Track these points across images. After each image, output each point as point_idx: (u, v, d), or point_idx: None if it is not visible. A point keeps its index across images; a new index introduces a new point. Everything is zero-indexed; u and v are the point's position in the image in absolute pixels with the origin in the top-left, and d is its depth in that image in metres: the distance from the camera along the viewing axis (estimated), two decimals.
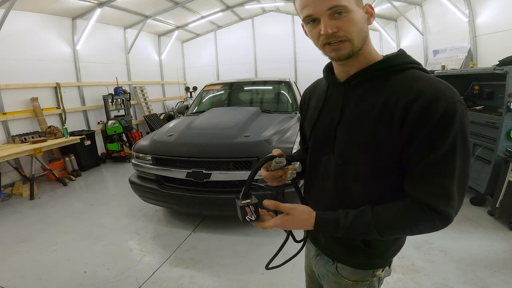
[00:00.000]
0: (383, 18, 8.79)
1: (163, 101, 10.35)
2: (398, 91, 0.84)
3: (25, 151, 4.66)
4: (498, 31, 4.69)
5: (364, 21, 0.87)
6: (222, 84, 5.51)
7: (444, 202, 0.80)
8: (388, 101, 0.84)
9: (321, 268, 1.16)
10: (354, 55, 0.88)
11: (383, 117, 0.85)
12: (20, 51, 5.59)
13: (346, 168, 0.96)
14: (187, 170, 3.13)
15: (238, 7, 9.22)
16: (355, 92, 0.93)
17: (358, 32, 0.84)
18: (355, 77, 0.93)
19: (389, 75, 0.89)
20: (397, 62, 0.89)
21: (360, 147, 0.90)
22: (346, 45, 0.85)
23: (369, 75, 0.91)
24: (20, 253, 3.12)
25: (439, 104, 0.77)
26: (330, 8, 0.81)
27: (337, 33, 0.83)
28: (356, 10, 0.83)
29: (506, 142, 3.35)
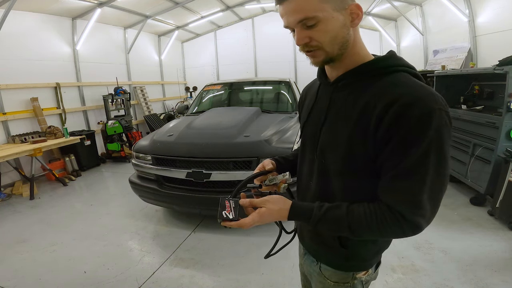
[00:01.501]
0: (383, 18, 8.78)
1: (163, 101, 10.36)
2: (379, 95, 0.83)
3: (25, 151, 4.66)
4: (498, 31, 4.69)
5: (343, 26, 0.84)
6: (222, 84, 5.51)
7: (412, 210, 0.80)
8: (368, 104, 0.84)
9: (308, 268, 1.19)
10: (334, 60, 0.89)
11: (362, 120, 0.85)
12: (20, 51, 5.59)
13: (327, 166, 0.97)
14: (187, 170, 3.13)
15: (238, 7, 9.22)
16: (342, 93, 0.94)
17: (331, 41, 0.85)
18: (342, 78, 0.94)
19: (376, 78, 0.88)
20: (385, 65, 0.89)
21: (339, 147, 0.91)
22: (320, 53, 0.87)
23: (355, 76, 0.91)
24: (20, 253, 3.12)
25: (414, 110, 0.76)
26: (299, 21, 0.83)
27: (310, 43, 0.86)
28: (330, 18, 0.82)
29: (506, 142, 3.35)
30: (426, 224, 0.83)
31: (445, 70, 5.30)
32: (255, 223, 0.93)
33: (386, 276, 2.50)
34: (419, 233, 0.84)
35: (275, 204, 0.94)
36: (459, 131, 4.21)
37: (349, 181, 0.93)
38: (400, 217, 0.81)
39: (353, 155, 0.88)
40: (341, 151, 0.90)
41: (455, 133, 4.30)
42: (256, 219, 0.93)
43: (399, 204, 0.81)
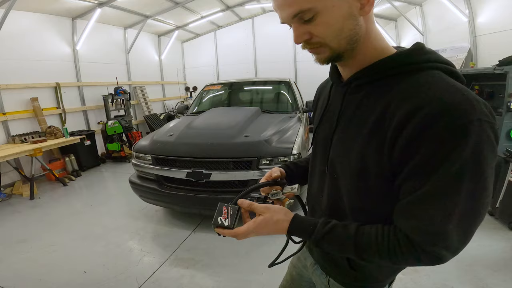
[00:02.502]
0: (383, 18, 8.79)
1: (163, 101, 10.36)
2: (399, 100, 0.67)
3: (25, 151, 4.66)
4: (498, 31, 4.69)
5: (349, 15, 0.68)
6: (222, 84, 5.51)
7: (433, 242, 0.66)
8: (386, 111, 0.69)
9: (317, 278, 1.10)
10: (343, 57, 0.74)
11: (378, 131, 0.70)
12: (20, 51, 5.59)
13: (339, 182, 0.85)
14: (187, 170, 3.13)
15: (238, 7, 9.22)
16: (355, 96, 0.79)
17: (335, 34, 0.70)
18: (356, 78, 0.78)
19: (397, 77, 0.71)
20: (409, 61, 0.71)
21: (351, 161, 0.77)
22: (324, 49, 0.73)
23: (371, 75, 0.75)
24: (20, 253, 3.12)
25: (444, 120, 0.59)
26: (294, 16, 0.69)
27: (311, 40, 0.72)
28: (330, 8, 0.66)
29: (506, 142, 3.35)
30: (451, 256, 0.67)
31: None
32: (249, 234, 0.83)
33: None
34: (441, 264, 0.69)
35: (274, 214, 0.83)
36: None
37: (362, 201, 0.79)
38: (418, 247, 0.67)
39: (367, 172, 0.74)
40: (353, 167, 0.77)
41: None
42: (251, 228, 0.83)
43: (418, 233, 0.67)
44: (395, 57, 0.73)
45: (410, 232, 0.68)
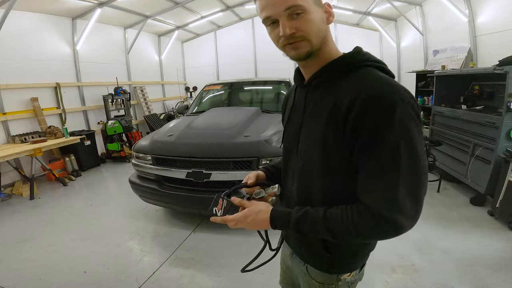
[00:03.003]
0: (383, 18, 8.78)
1: (163, 101, 10.36)
2: (344, 92, 0.82)
3: (25, 151, 4.66)
4: (498, 31, 4.69)
5: (323, 21, 0.87)
6: (222, 84, 5.51)
7: (390, 208, 0.75)
8: (336, 102, 0.84)
9: (296, 268, 1.22)
10: (313, 55, 0.88)
11: (332, 119, 0.84)
12: (20, 51, 5.59)
13: (307, 168, 0.96)
14: (187, 170, 3.13)
15: (238, 7, 9.21)
16: (315, 94, 0.94)
17: (316, 32, 0.85)
18: (314, 77, 0.94)
19: (343, 75, 0.87)
20: (350, 61, 0.89)
21: (315, 148, 0.89)
22: (304, 44, 0.85)
23: (325, 75, 0.91)
24: (20, 253, 3.12)
25: (375, 104, 0.75)
26: (287, 8, 0.81)
27: (295, 34, 0.83)
28: (314, 10, 0.83)
29: (506, 142, 3.35)
30: (409, 223, 0.77)
31: (445, 70, 5.30)
32: (238, 223, 0.99)
33: (386, 276, 2.50)
34: (404, 232, 0.78)
35: (257, 206, 0.99)
36: (459, 131, 4.21)
37: (328, 183, 0.91)
38: (378, 216, 0.76)
39: (328, 155, 0.87)
40: (317, 152, 0.89)
41: (455, 133, 4.30)
42: (239, 218, 0.99)
43: (375, 202, 0.77)
44: (341, 59, 0.90)
45: (369, 203, 0.78)
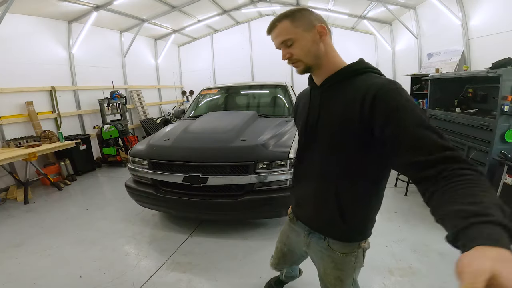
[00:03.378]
0: (378, 22, 8.87)
1: (160, 105, 10.34)
2: (357, 89, 1.08)
3: (19, 156, 4.62)
4: (491, 33, 4.75)
5: (314, 42, 1.15)
6: (219, 88, 5.51)
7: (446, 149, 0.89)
8: (352, 95, 1.09)
9: (316, 246, 1.39)
10: (313, 68, 1.19)
11: (350, 106, 1.09)
12: (15, 54, 5.57)
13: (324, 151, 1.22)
14: (184, 174, 3.12)
15: (234, 11, 9.26)
16: (329, 93, 1.20)
17: (305, 54, 1.15)
18: (327, 81, 1.20)
19: (351, 78, 1.15)
20: (356, 68, 1.17)
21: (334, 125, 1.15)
22: (299, 63, 1.18)
23: (336, 78, 1.18)
24: (15, 258, 3.08)
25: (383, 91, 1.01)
26: (281, 43, 1.17)
27: (291, 57, 1.17)
28: (303, 37, 1.13)
29: (500, 145, 3.38)
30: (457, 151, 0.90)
31: (439, 73, 5.35)
32: None
33: (383, 278, 2.50)
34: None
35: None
36: (454, 134, 4.25)
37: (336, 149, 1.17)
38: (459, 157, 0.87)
39: (345, 129, 1.11)
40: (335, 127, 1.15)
41: (450, 136, 4.33)
42: None
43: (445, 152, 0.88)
44: (349, 66, 1.18)
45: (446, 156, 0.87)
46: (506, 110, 3.28)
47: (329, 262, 1.35)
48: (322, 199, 1.27)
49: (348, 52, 9.93)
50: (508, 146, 3.35)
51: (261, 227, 3.54)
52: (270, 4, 9.18)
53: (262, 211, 3.17)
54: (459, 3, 5.33)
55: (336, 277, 1.36)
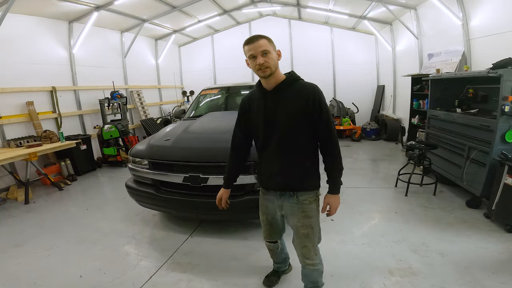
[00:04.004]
0: (379, 22, 8.86)
1: (160, 106, 10.34)
2: (300, 91, 1.80)
3: (20, 156, 4.63)
4: (491, 34, 4.74)
5: (276, 58, 1.80)
6: (219, 88, 5.51)
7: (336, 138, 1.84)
8: (297, 95, 1.79)
9: (287, 204, 1.95)
10: (272, 75, 1.78)
11: (297, 101, 1.78)
12: (16, 54, 5.58)
13: (287, 138, 1.83)
14: (184, 174, 3.11)
15: (235, 11, 9.26)
16: (280, 94, 1.83)
17: (273, 64, 1.76)
18: (281, 86, 1.83)
19: (292, 84, 1.83)
20: (295, 77, 1.87)
21: (290, 114, 1.79)
22: (268, 70, 1.75)
23: (284, 85, 1.83)
24: (15, 258, 3.08)
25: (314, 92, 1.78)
26: (262, 52, 1.73)
27: (264, 64, 1.73)
28: (272, 53, 1.77)
29: (501, 145, 3.38)
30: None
31: (439, 73, 5.34)
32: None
33: (384, 279, 2.50)
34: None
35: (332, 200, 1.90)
36: (455, 134, 4.24)
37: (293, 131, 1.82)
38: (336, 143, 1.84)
39: (296, 116, 1.79)
40: (291, 115, 1.79)
41: (450, 137, 4.34)
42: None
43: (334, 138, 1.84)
44: (291, 76, 1.86)
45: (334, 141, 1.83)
46: (507, 111, 3.27)
47: (300, 213, 1.91)
48: (288, 165, 1.87)
49: (349, 52, 9.99)
50: (509, 147, 3.35)
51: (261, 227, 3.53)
52: (271, 4, 9.18)
53: None
54: (460, 3, 5.32)
55: (308, 225, 1.92)
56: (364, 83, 10.00)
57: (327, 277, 2.57)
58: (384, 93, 9.56)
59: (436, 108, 4.93)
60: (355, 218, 3.70)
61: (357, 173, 5.65)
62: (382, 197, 4.37)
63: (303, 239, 1.95)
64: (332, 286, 2.45)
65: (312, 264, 2.00)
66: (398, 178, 4.73)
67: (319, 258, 2.06)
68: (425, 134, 5.28)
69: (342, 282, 2.50)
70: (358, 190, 4.65)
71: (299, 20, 10.23)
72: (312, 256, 1.98)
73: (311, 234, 1.93)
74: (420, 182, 4.63)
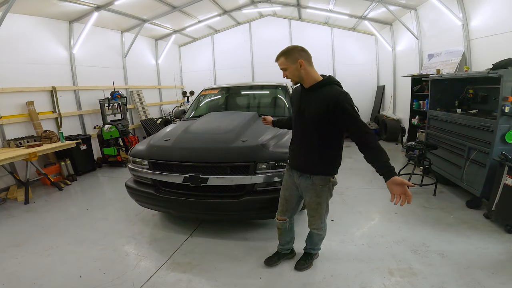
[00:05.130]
0: (379, 22, 8.86)
1: (160, 106, 10.34)
2: (326, 95, 2.13)
3: (20, 156, 4.63)
4: (491, 34, 4.74)
5: (296, 69, 2.18)
6: (219, 88, 5.51)
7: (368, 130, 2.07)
8: (324, 97, 2.13)
9: (304, 184, 2.37)
10: (300, 82, 2.27)
11: (323, 103, 2.12)
12: (16, 54, 5.57)
13: (309, 130, 2.25)
14: (184, 174, 3.11)
15: (235, 11, 9.27)
16: (312, 93, 2.23)
17: (292, 76, 2.22)
18: (313, 87, 2.22)
19: (323, 87, 2.19)
20: (327, 81, 2.21)
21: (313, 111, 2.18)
22: (291, 80, 2.25)
23: (318, 86, 2.21)
24: (15, 257, 3.08)
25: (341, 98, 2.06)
26: (281, 69, 2.24)
27: (287, 77, 2.24)
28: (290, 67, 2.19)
29: (501, 146, 3.38)
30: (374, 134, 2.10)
31: (439, 74, 5.35)
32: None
33: (384, 279, 2.50)
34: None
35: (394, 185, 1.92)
36: (455, 134, 4.24)
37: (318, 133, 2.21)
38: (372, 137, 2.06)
39: (318, 114, 2.15)
40: (314, 113, 2.18)
41: (450, 137, 4.34)
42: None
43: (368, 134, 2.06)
44: (323, 80, 2.21)
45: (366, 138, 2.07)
46: (507, 111, 3.28)
47: (312, 193, 2.35)
48: (308, 151, 2.29)
49: (349, 53, 9.99)
50: (509, 147, 3.35)
51: (261, 227, 3.54)
52: (271, 4, 9.19)
53: (262, 212, 3.17)
54: (460, 3, 5.32)
55: (317, 202, 2.37)
56: (364, 84, 10.00)
57: (327, 277, 2.57)
58: (384, 93, 9.57)
59: (436, 109, 4.93)
60: (355, 218, 3.70)
61: (357, 173, 5.65)
62: (382, 198, 4.37)
63: (312, 211, 2.44)
64: (332, 286, 2.46)
65: (316, 229, 2.51)
66: None
67: (324, 227, 2.56)
68: (425, 134, 5.29)
69: (342, 282, 2.50)
70: (358, 191, 4.66)
71: (299, 21, 10.24)
72: (318, 223, 2.47)
73: (319, 208, 2.39)
74: (420, 182, 4.63)
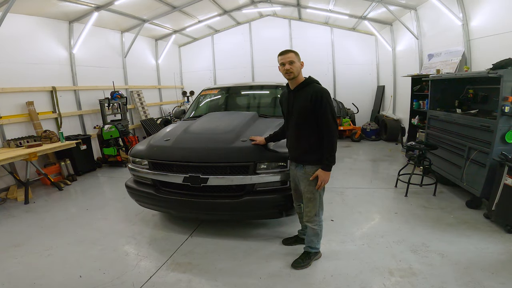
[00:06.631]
0: (379, 22, 8.87)
1: (160, 106, 10.34)
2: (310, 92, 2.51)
3: (20, 156, 4.63)
4: (491, 34, 4.74)
5: (299, 67, 2.58)
6: (219, 88, 5.51)
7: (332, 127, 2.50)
8: (309, 95, 2.50)
9: (299, 173, 2.66)
10: (295, 78, 2.57)
11: (307, 100, 2.49)
12: (16, 54, 5.58)
13: (298, 123, 2.60)
14: (184, 174, 3.11)
15: (235, 11, 9.27)
16: (298, 93, 2.60)
17: (296, 70, 2.55)
18: (298, 88, 2.60)
19: (307, 86, 2.57)
20: (310, 81, 2.60)
21: (301, 113, 2.55)
22: (291, 74, 2.54)
23: (301, 86, 2.58)
24: (15, 257, 3.08)
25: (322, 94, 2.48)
26: (289, 61, 2.53)
27: (290, 69, 2.53)
28: (297, 62, 2.55)
29: (501, 146, 3.38)
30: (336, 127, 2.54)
31: (439, 74, 5.35)
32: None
33: (383, 279, 2.50)
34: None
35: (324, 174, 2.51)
36: (455, 135, 4.24)
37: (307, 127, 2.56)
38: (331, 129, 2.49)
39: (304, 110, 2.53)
40: (301, 109, 2.55)
41: (450, 137, 4.34)
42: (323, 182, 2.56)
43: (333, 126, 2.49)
44: (306, 80, 2.63)
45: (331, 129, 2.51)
46: (507, 111, 3.28)
47: (306, 181, 2.61)
48: (299, 141, 2.61)
49: (349, 53, 9.99)
50: (509, 147, 3.35)
51: (261, 227, 3.54)
52: (271, 4, 9.19)
53: (262, 212, 3.17)
54: (460, 3, 5.32)
55: (310, 191, 2.60)
56: (364, 84, 10.02)
57: (327, 277, 2.57)
58: (384, 93, 9.57)
59: (436, 109, 4.93)
60: (355, 219, 3.70)
61: (357, 173, 5.65)
62: (382, 198, 4.37)
63: (306, 202, 2.66)
64: (332, 286, 2.46)
65: (310, 222, 2.68)
66: (398, 178, 4.73)
67: (319, 222, 2.71)
68: (425, 134, 5.29)
69: (342, 282, 2.50)
70: (358, 191, 4.66)
71: (299, 21, 10.24)
72: (313, 217, 2.66)
73: (313, 198, 2.61)
74: (420, 182, 4.63)
